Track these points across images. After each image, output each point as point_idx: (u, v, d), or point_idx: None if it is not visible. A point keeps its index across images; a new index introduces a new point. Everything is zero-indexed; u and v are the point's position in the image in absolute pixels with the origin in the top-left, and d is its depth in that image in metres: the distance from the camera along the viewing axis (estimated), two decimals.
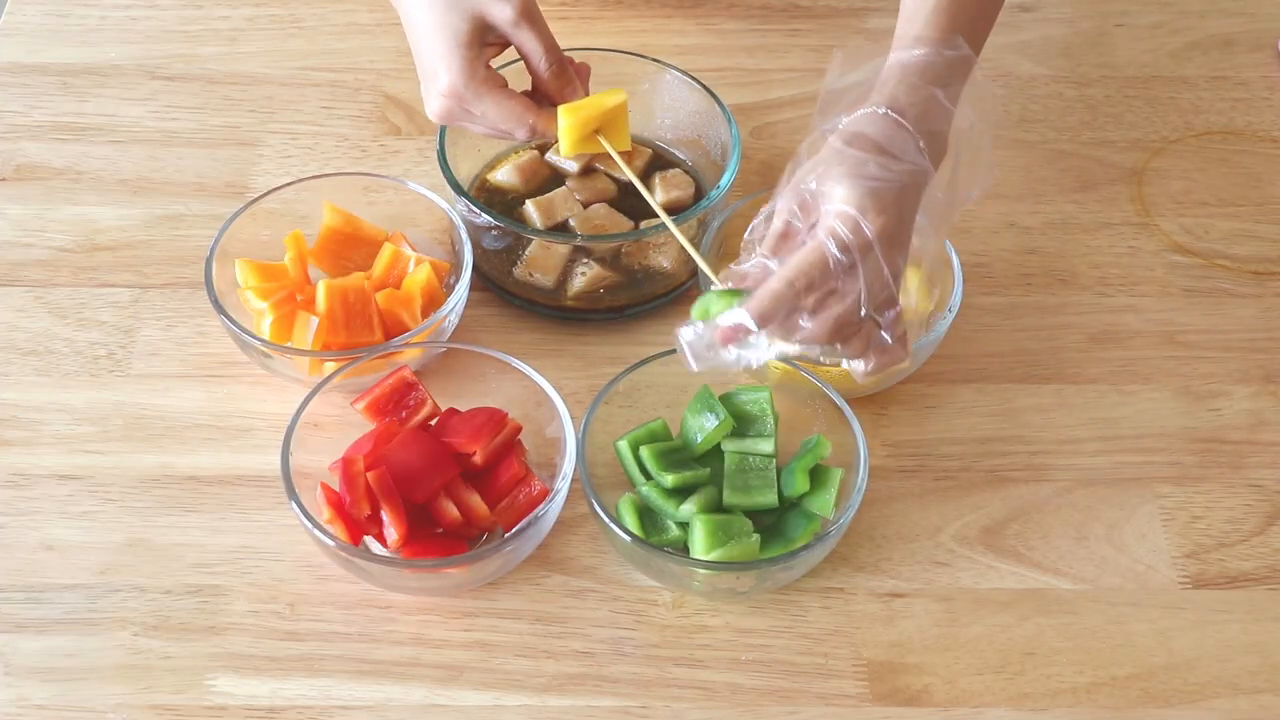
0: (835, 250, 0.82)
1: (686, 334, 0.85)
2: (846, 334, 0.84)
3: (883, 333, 0.85)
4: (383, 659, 0.87)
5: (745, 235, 0.89)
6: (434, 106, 0.96)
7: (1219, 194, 1.16)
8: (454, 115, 0.96)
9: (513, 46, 0.97)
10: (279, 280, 1.00)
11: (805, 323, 0.84)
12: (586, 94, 1.00)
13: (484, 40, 0.95)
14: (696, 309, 0.85)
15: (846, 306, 0.83)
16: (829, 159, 0.85)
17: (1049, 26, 1.29)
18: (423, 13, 0.94)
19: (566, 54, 0.99)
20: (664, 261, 1.04)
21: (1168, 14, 1.30)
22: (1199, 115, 1.22)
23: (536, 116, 0.96)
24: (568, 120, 0.96)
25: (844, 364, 0.89)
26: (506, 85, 0.97)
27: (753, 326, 0.82)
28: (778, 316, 0.82)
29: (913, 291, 1.00)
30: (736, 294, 0.84)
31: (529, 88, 1.00)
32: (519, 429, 0.93)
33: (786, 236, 0.86)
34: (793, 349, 0.85)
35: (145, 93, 1.20)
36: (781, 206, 0.86)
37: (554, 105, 0.98)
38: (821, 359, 0.92)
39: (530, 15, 0.95)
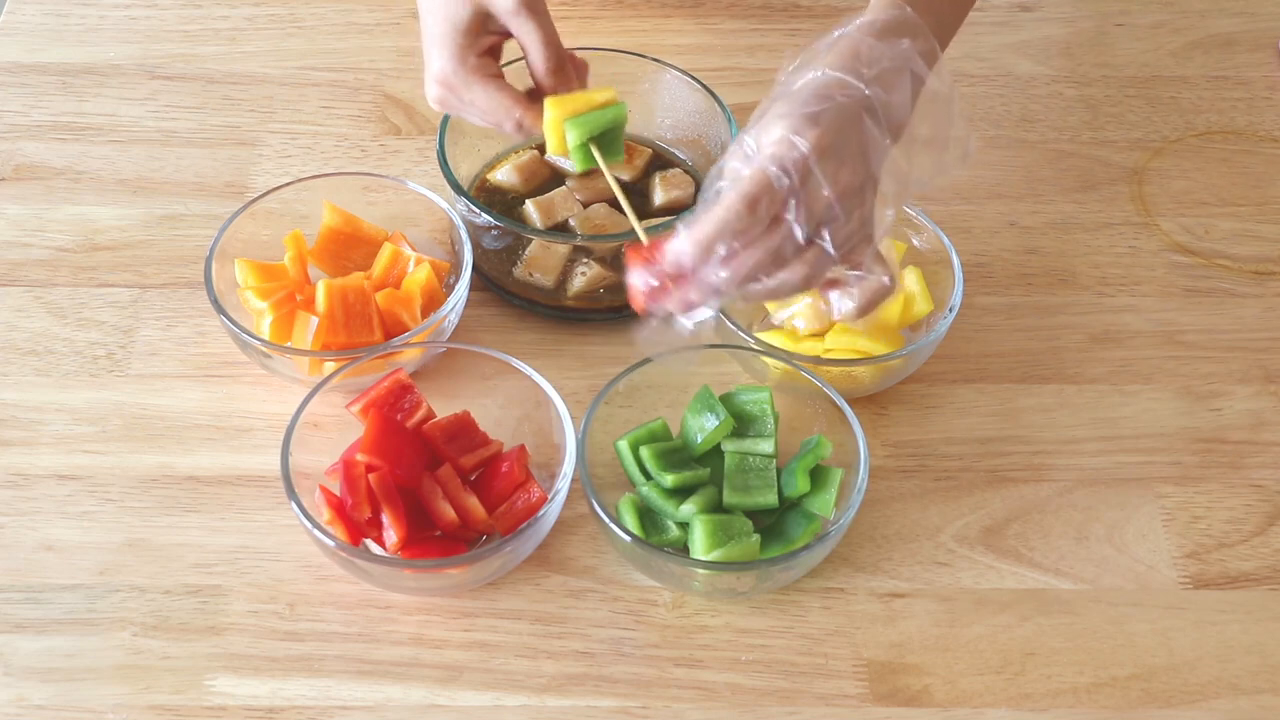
0: (775, 170, 0.78)
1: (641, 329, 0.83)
2: (786, 259, 0.81)
3: (829, 249, 0.81)
4: (383, 659, 0.87)
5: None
6: (430, 93, 0.96)
7: (1219, 194, 1.16)
8: (448, 103, 0.96)
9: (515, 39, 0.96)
10: (279, 280, 1.00)
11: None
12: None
13: (484, 28, 0.95)
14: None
15: (785, 233, 0.80)
16: (764, 111, 0.83)
17: (1049, 26, 1.29)
18: None
19: (570, 51, 0.98)
20: None
21: (1168, 14, 1.30)
22: (1199, 115, 1.22)
23: (525, 110, 0.94)
24: (553, 113, 0.93)
25: (833, 310, 0.85)
26: (501, 76, 0.96)
27: (688, 253, 0.79)
28: (719, 242, 0.79)
29: (914, 289, 1.01)
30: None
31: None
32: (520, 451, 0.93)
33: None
34: (732, 290, 0.81)
35: (145, 93, 1.20)
36: (728, 164, 0.83)
37: None
38: (776, 315, 0.87)
39: (533, 6, 0.93)
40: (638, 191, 1.08)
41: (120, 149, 1.16)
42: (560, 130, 0.93)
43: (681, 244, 0.80)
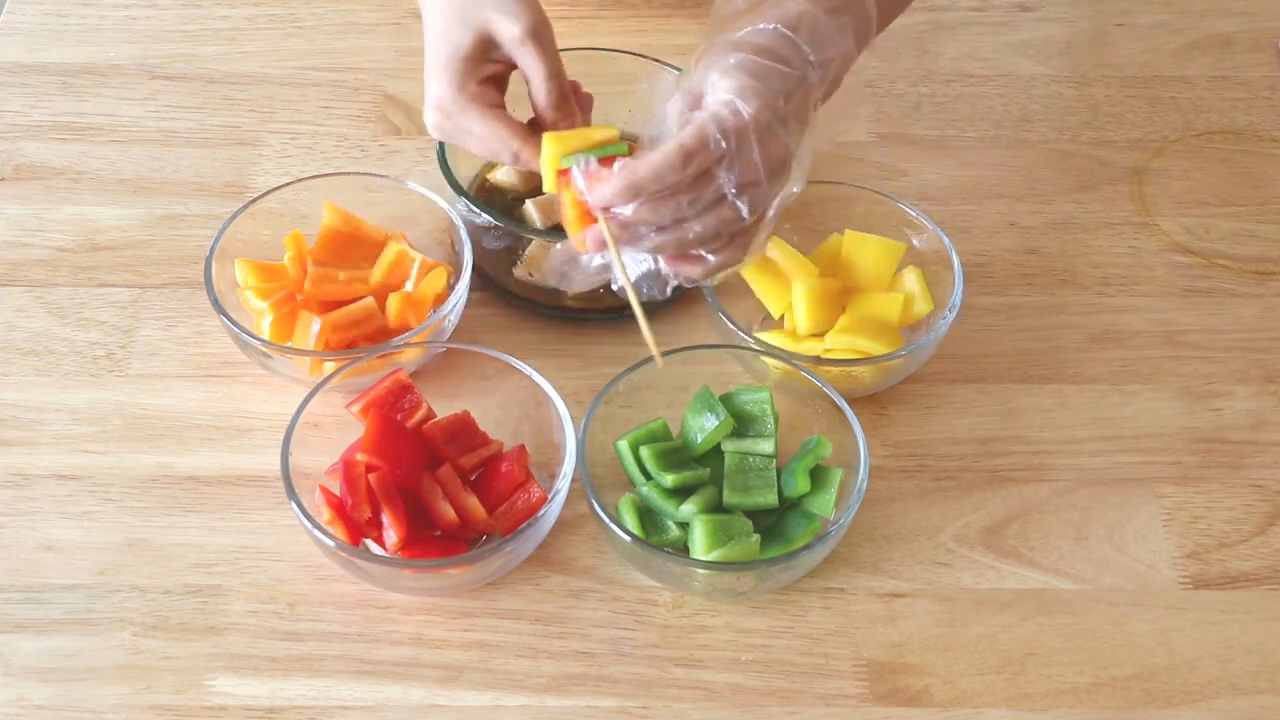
0: (715, 132, 0.82)
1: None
2: (702, 214, 0.84)
3: (744, 212, 0.84)
4: (382, 659, 0.87)
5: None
6: (428, 119, 0.93)
7: (1219, 194, 1.16)
8: (445, 129, 0.93)
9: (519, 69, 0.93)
10: (279, 280, 1.00)
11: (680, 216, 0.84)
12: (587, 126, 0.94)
13: (486, 56, 0.91)
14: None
15: (719, 192, 0.83)
16: (715, 60, 0.85)
17: (1049, 26, 1.29)
18: (435, 21, 0.92)
19: (574, 83, 0.95)
20: None
21: (1168, 14, 1.30)
22: (1199, 115, 1.22)
23: (523, 143, 0.90)
24: (550, 149, 0.88)
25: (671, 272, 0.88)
26: (501, 106, 0.93)
27: (616, 191, 0.82)
28: (648, 186, 0.82)
29: (914, 289, 1.01)
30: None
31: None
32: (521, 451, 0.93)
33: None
34: (643, 233, 0.85)
35: (145, 92, 1.20)
36: (671, 109, 0.87)
37: None
38: (668, 270, 0.89)
39: (538, 36, 0.90)
40: None
41: (120, 149, 1.16)
42: (557, 167, 0.88)
43: (612, 184, 0.83)
